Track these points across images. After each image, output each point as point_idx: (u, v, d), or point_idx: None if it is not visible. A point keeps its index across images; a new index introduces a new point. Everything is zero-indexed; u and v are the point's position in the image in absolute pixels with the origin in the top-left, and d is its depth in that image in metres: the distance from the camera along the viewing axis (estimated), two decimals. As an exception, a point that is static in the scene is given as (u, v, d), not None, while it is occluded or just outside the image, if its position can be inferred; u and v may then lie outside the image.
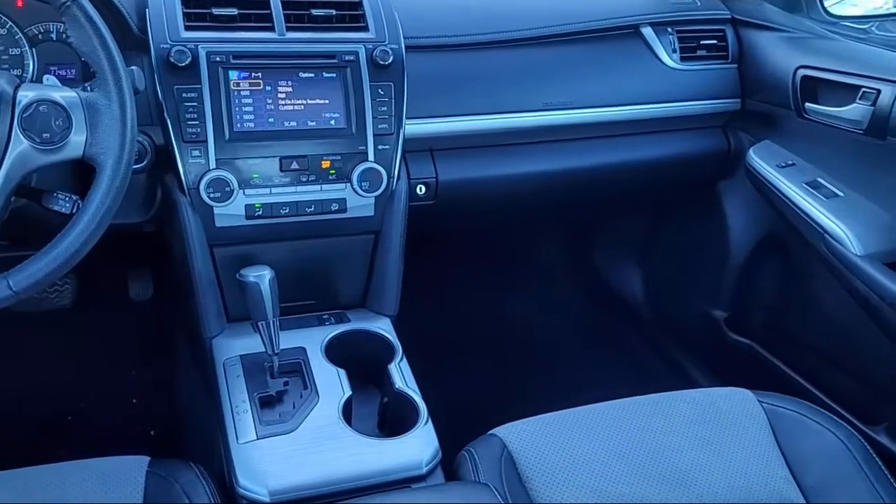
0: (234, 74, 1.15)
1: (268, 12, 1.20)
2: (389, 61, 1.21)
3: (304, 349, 1.18)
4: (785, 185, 1.44)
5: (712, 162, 1.63)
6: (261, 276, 1.08)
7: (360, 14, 1.24)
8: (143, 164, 1.13)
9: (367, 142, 1.20)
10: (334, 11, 1.23)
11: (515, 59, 1.41)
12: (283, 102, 1.17)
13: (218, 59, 1.14)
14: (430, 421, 1.08)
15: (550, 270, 2.25)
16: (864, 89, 1.29)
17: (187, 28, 1.15)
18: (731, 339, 1.73)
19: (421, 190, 1.35)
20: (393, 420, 1.13)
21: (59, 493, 0.93)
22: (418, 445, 1.04)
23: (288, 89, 1.18)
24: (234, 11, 1.18)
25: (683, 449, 1.04)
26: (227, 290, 1.23)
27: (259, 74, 1.16)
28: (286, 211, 1.18)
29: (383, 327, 1.26)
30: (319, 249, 1.26)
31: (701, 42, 1.53)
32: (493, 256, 2.14)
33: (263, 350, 1.11)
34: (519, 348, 1.97)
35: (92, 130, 0.90)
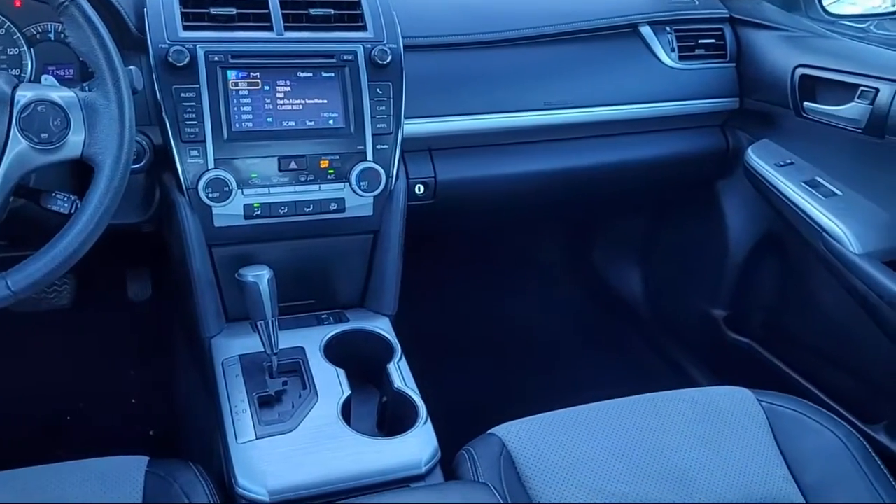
0: (232, 74, 1.15)
1: (266, 12, 1.20)
2: (388, 61, 1.21)
3: (302, 349, 1.18)
4: (783, 183, 1.44)
5: (711, 161, 1.63)
6: (259, 276, 1.09)
7: (359, 14, 1.24)
8: (141, 164, 1.13)
9: (365, 141, 1.20)
10: (332, 11, 1.22)
11: (514, 59, 1.41)
12: (281, 102, 1.17)
13: (216, 58, 1.14)
14: (429, 420, 1.08)
15: (550, 270, 2.25)
16: (862, 88, 1.29)
17: (185, 28, 1.15)
18: (730, 338, 1.73)
19: (420, 189, 1.35)
20: (392, 420, 1.13)
21: (59, 494, 0.92)
22: (417, 445, 1.04)
23: (286, 89, 1.18)
24: (232, 11, 1.17)
25: (683, 448, 1.04)
26: (226, 289, 1.23)
27: (257, 74, 1.16)
28: (285, 211, 1.18)
29: (382, 327, 1.26)
30: (318, 249, 1.26)
31: (699, 41, 1.53)
32: (493, 256, 2.14)
33: (262, 350, 1.11)
34: (518, 348, 1.97)
35: (90, 130, 0.89)
